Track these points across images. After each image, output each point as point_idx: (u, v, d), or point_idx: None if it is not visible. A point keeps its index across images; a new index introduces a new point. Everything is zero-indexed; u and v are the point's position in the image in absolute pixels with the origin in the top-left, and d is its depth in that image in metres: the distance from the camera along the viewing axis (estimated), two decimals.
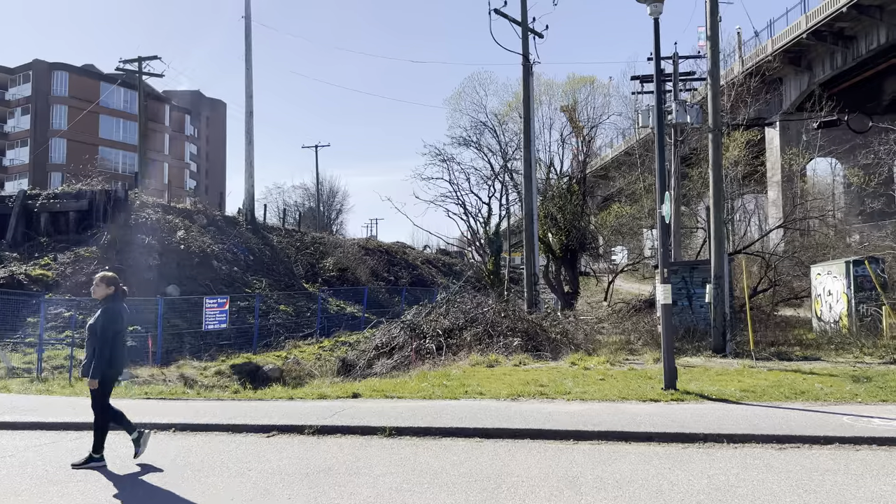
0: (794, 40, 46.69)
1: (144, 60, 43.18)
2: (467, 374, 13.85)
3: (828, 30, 45.01)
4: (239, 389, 12.35)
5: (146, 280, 22.94)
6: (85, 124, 57.29)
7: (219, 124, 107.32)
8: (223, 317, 19.81)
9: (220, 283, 25.28)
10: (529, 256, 22.02)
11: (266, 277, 28.12)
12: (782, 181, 44.32)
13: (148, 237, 24.52)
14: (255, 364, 18.52)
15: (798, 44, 47.06)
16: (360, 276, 35.83)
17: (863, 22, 43.58)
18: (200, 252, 25.91)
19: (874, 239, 40.05)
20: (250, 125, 33.25)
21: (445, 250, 72.28)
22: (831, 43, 46.49)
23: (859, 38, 45.22)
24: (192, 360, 18.57)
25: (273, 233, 34.97)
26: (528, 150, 22.18)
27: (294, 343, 22.30)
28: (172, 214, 27.47)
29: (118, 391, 11.28)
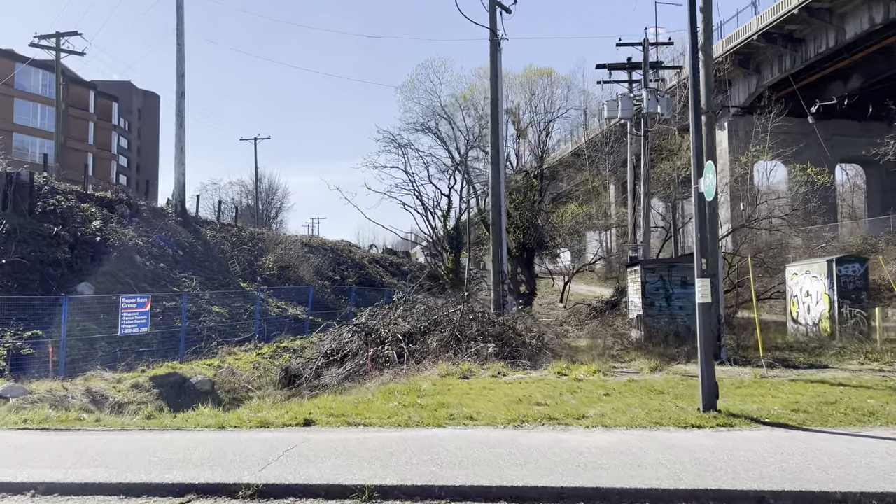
0: (745, 42, 46.38)
1: (63, 36, 39.18)
2: (440, 388, 11.55)
3: (778, 32, 44.82)
4: (153, 414, 9.66)
5: (53, 276, 19.68)
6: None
7: (152, 118, 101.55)
8: (144, 319, 16.87)
9: (143, 281, 22.16)
10: (497, 252, 19.89)
11: (197, 275, 25.06)
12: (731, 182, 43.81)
13: (57, 227, 21.18)
14: (180, 375, 15.69)
15: (748, 46, 46.80)
16: (304, 275, 33.02)
17: (812, 25, 43.52)
18: (120, 245, 22.71)
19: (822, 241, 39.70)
20: (182, 107, 30.02)
21: (392, 250, 69.84)
22: (781, 45, 46.36)
23: (808, 41, 45.21)
24: (105, 370, 15.59)
25: (206, 226, 31.77)
26: (496, 133, 20.07)
27: (228, 349, 19.47)
28: (89, 203, 24.11)
29: None
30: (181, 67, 30.14)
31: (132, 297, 16.89)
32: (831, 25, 42.95)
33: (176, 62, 30.06)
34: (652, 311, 20.32)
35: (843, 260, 21.12)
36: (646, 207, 25.83)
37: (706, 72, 16.22)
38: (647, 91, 25.18)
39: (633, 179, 28.49)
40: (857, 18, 41.16)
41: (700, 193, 8.08)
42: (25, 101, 56.00)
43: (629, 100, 25.98)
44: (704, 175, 7.84)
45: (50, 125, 57.50)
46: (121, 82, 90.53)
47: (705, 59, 16.26)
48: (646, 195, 25.83)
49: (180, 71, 30.09)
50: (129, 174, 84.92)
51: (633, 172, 28.46)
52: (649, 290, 20.48)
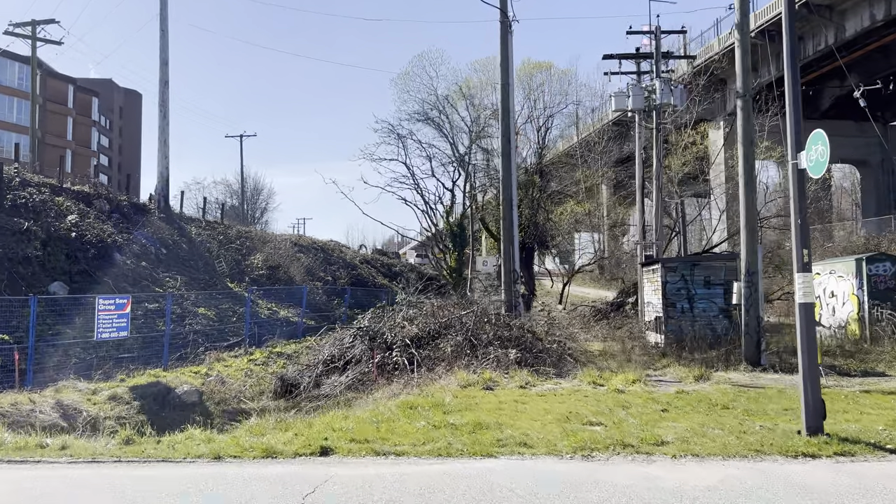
0: None
1: (39, 24, 37.26)
2: (465, 401, 10.08)
3: (776, 30, 43.90)
4: (132, 437, 8.04)
5: (23, 275, 17.93)
6: None
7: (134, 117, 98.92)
8: (123, 322, 15.19)
9: (123, 281, 20.42)
10: (508, 249, 18.45)
11: (182, 274, 23.34)
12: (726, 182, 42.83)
13: (28, 222, 19.41)
14: (164, 385, 14.04)
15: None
16: (294, 276, 31.34)
17: (812, 22, 42.60)
18: (98, 242, 20.96)
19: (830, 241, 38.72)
20: (165, 97, 28.25)
21: (382, 250, 68.23)
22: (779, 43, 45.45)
23: (807, 38, 44.32)
24: (79, 380, 13.90)
25: (191, 224, 29.98)
26: (506, 122, 18.64)
27: (217, 355, 17.81)
28: (64, 196, 22.32)
29: None
30: (165, 55, 28.39)
31: (110, 298, 15.22)
32: (831, 22, 42.09)
33: (159, 49, 28.31)
34: (673, 312, 19.00)
35: (873, 259, 19.88)
36: (658, 204, 24.52)
37: (742, 51, 14.94)
38: (660, 80, 23.88)
39: (642, 176, 27.17)
40: (858, 15, 40.35)
41: (801, 170, 6.66)
42: (1, 94, 53.79)
43: (640, 90, 24.66)
44: (809, 147, 6.42)
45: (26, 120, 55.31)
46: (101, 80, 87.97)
47: (741, 38, 15.00)
48: (658, 191, 24.51)
49: (164, 59, 28.34)
50: (111, 173, 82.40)
51: (642, 168, 27.15)
52: (670, 291, 19.15)
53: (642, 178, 27.55)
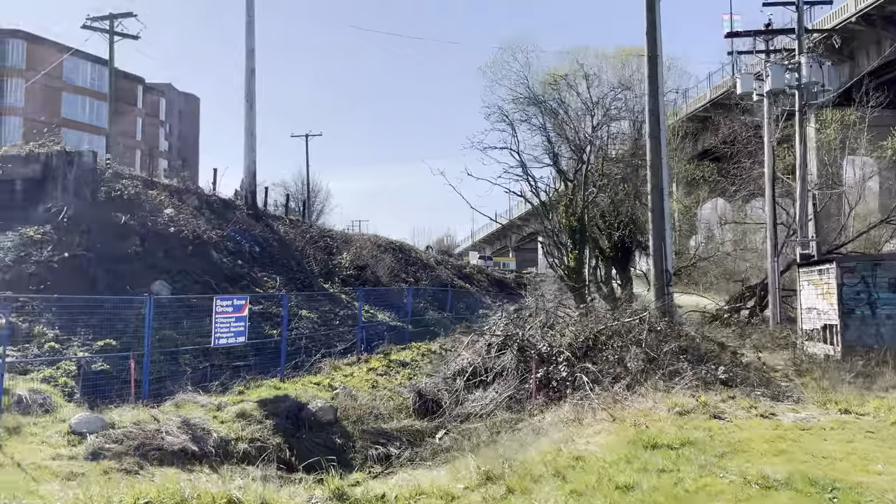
0: (841, 24, 41.09)
1: (116, 18, 36.40)
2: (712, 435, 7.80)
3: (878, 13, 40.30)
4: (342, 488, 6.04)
5: (123, 272, 16.41)
6: (46, 101, 49.89)
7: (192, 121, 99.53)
8: (241, 326, 13.39)
9: (223, 280, 18.82)
10: (659, 246, 16.08)
11: (279, 274, 21.68)
12: None
13: (125, 216, 17.96)
14: (294, 400, 12.14)
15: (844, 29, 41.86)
16: (381, 276, 29.57)
17: None
18: (195, 239, 19.41)
19: None
20: (252, 86, 26.79)
21: (447, 251, 66.40)
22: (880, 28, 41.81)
23: None
24: (198, 392, 12.15)
25: (277, 221, 28.51)
26: (654, 98, 16.35)
27: (332, 363, 15.96)
28: (157, 190, 20.91)
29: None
30: (251, 44, 26.95)
31: (227, 299, 13.44)
32: None
33: (245, 37, 26.90)
34: (851, 320, 16.32)
35: None
36: (803, 196, 21.73)
37: None
38: (807, 56, 21.12)
39: (772, 166, 24.37)
40: None
41: None
42: (74, 94, 53.84)
43: (780, 69, 21.90)
44: None
45: (98, 120, 55.36)
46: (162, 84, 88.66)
47: None
48: (802, 180, 21.72)
49: (250, 47, 26.89)
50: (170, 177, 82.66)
51: (772, 157, 24.34)
52: (848, 296, 16.45)
53: (773, 169, 24.76)
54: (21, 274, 14.79)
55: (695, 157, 42.76)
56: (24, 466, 8.27)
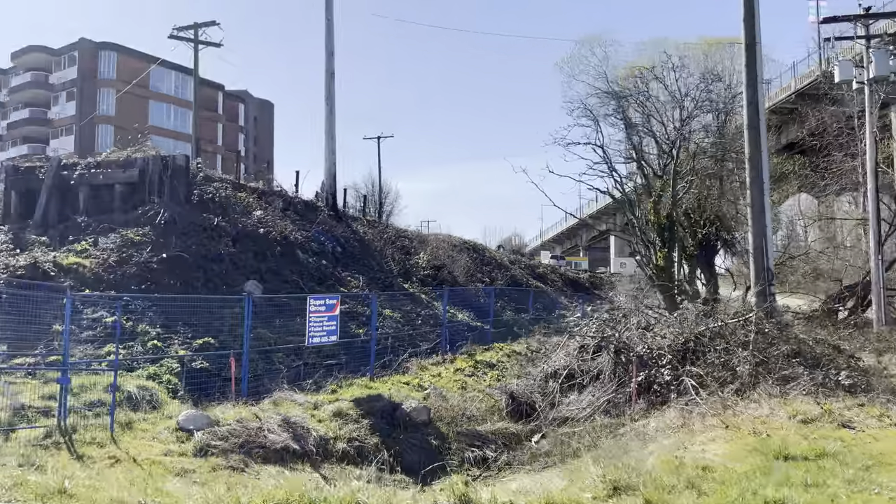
0: None
1: (200, 27, 37.72)
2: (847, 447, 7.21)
3: None
4: (467, 495, 5.88)
5: (217, 273, 16.88)
6: (134, 110, 52.30)
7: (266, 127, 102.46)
8: (332, 326, 13.50)
9: (310, 280, 19.10)
10: (760, 243, 15.25)
11: (361, 274, 21.87)
12: None
13: (217, 217, 18.48)
14: (388, 400, 12.12)
15: None
16: (458, 276, 29.45)
17: None
18: (282, 239, 19.79)
19: None
20: (331, 88, 27.16)
21: (518, 251, 65.79)
22: None
23: None
24: (294, 390, 12.29)
25: (356, 222, 28.83)
26: (753, 87, 15.56)
27: (419, 363, 15.91)
28: (245, 192, 21.46)
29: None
30: (331, 46, 27.34)
31: (320, 298, 13.57)
32: None
33: (325, 39, 27.30)
34: None
35: None
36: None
37: None
38: None
39: (874, 157, 22.85)
40: None
41: None
42: (159, 102, 56.27)
43: (884, 54, 20.50)
44: None
45: (182, 126, 57.61)
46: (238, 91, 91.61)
47: None
48: None
49: (330, 49, 27.28)
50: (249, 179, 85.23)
51: (875, 149, 22.84)
52: None
53: (875, 161, 23.22)
54: (124, 274, 15.40)
55: (778, 152, 40.73)
56: (140, 462, 8.49)
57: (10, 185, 19.96)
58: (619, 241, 71.42)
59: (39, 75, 56.15)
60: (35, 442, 8.59)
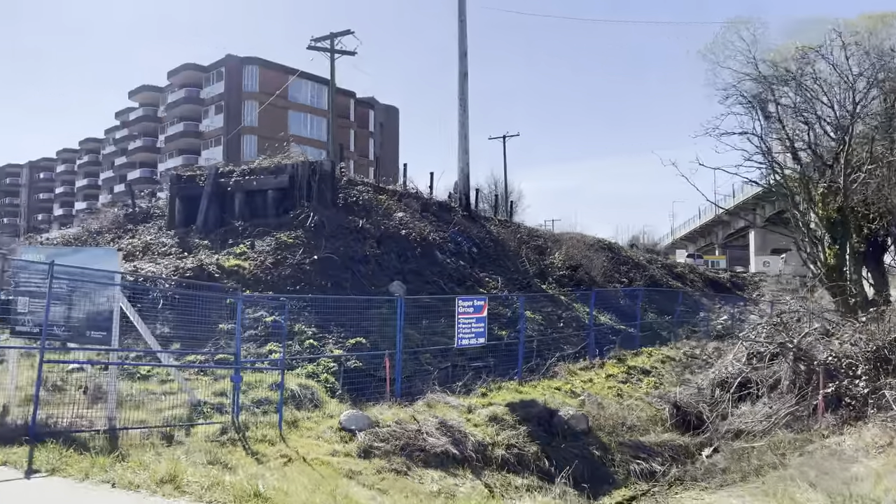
0: None
1: (336, 36, 39.16)
2: None
3: None
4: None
5: (363, 274, 17.20)
6: (274, 120, 55.44)
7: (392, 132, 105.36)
8: (481, 327, 13.27)
9: (449, 280, 19.06)
10: None
11: (498, 275, 21.60)
12: None
13: (361, 220, 18.88)
14: (541, 406, 11.68)
15: None
16: (595, 276, 28.43)
17: None
18: (422, 240, 19.91)
19: None
20: (465, 89, 27.13)
21: (653, 250, 63.06)
22: None
23: None
24: (446, 392, 12.15)
25: (488, 222, 28.64)
26: None
27: (567, 367, 15.32)
28: (385, 195, 21.84)
29: None
30: (464, 46, 27.33)
31: (468, 300, 13.39)
32: None
33: (458, 40, 27.33)
34: None
35: None
36: None
37: None
38: None
39: None
40: None
41: None
42: (297, 112, 59.23)
43: None
44: None
45: (317, 134, 60.41)
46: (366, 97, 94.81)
47: None
48: None
49: (463, 50, 27.27)
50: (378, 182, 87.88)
51: None
52: None
53: None
54: (280, 275, 16.03)
55: None
56: (310, 461, 8.59)
57: (175, 192, 21.50)
58: (759, 237, 66.71)
59: (192, 91, 60.92)
60: (212, 438, 8.93)
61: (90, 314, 8.81)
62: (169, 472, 5.87)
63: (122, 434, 8.23)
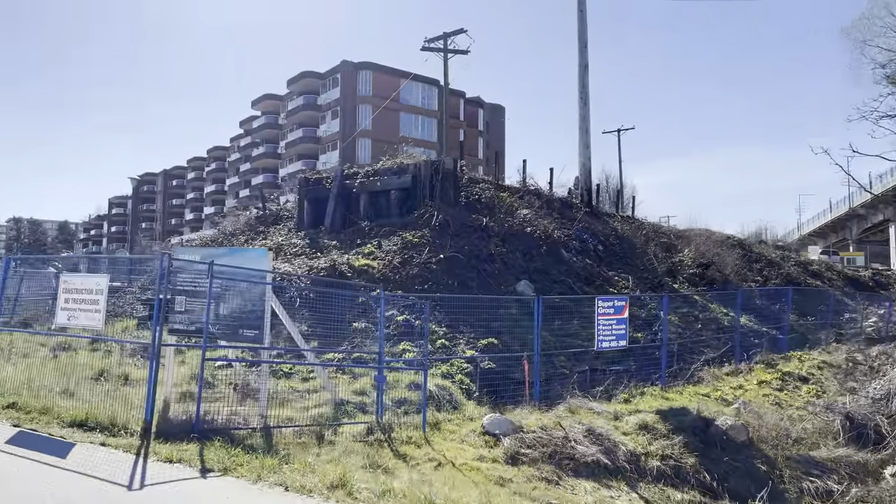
0: None
1: (449, 36, 39.32)
2: None
3: None
4: None
5: (489, 273, 16.86)
6: (387, 123, 56.56)
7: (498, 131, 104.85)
8: (622, 329, 12.53)
9: (577, 280, 18.35)
10: None
11: (628, 273, 20.61)
12: None
13: (485, 218, 18.56)
14: (694, 414, 10.82)
15: None
16: (728, 274, 26.67)
17: None
18: (546, 239, 19.32)
19: None
20: (585, 81, 26.22)
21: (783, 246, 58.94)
22: None
23: None
24: (586, 397, 11.54)
25: (611, 218, 27.56)
26: None
27: (711, 372, 14.26)
28: (507, 193, 21.43)
29: None
30: (584, 37, 26.44)
31: (608, 300, 12.69)
32: None
33: (577, 31, 26.47)
34: None
35: None
36: None
37: None
38: None
39: None
40: None
41: None
42: (408, 114, 60.12)
43: None
44: None
45: (427, 134, 61.08)
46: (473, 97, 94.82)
47: None
48: None
49: (583, 41, 26.39)
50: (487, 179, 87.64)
51: None
52: None
53: None
54: (407, 274, 15.99)
55: None
56: (459, 467, 8.30)
57: (303, 195, 22.12)
58: None
59: (310, 98, 63.29)
60: (359, 438, 8.85)
61: (244, 313, 8.97)
62: (339, 477, 5.73)
63: (276, 432, 8.29)
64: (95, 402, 8.40)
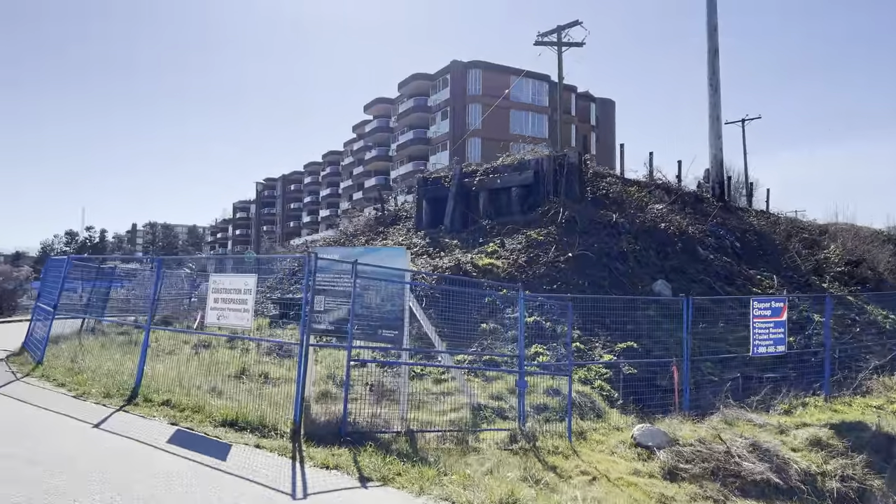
0: None
1: (563, 29, 38.23)
2: None
3: None
4: None
5: (622, 272, 15.97)
6: (496, 121, 56.08)
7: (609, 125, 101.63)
8: (780, 333, 11.36)
9: (717, 279, 17.07)
10: None
11: (768, 271, 18.99)
12: None
13: (613, 214, 17.65)
14: (873, 429, 9.56)
15: None
16: (882, 272, 24.15)
17: None
18: (680, 235, 18.13)
19: None
20: (715, 66, 24.55)
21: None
22: None
23: None
24: (743, 407, 10.53)
25: (745, 213, 25.68)
26: None
27: (881, 382, 12.71)
28: (635, 187, 20.37)
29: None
30: (713, 20, 24.77)
31: (764, 301, 11.55)
32: None
33: (706, 14, 24.84)
34: None
35: None
36: None
37: None
38: None
39: None
40: None
41: None
42: (518, 111, 59.39)
43: None
44: None
45: (538, 131, 60.04)
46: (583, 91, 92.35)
47: None
48: None
49: (713, 24, 24.72)
50: None
51: None
52: None
53: None
54: (534, 273, 15.43)
55: None
56: (614, 481, 7.68)
57: (422, 195, 22.07)
58: None
59: (420, 100, 63.97)
60: (503, 445, 8.42)
61: (383, 313, 8.78)
62: (507, 494, 5.32)
63: (419, 437, 8.01)
64: (243, 402, 8.47)
